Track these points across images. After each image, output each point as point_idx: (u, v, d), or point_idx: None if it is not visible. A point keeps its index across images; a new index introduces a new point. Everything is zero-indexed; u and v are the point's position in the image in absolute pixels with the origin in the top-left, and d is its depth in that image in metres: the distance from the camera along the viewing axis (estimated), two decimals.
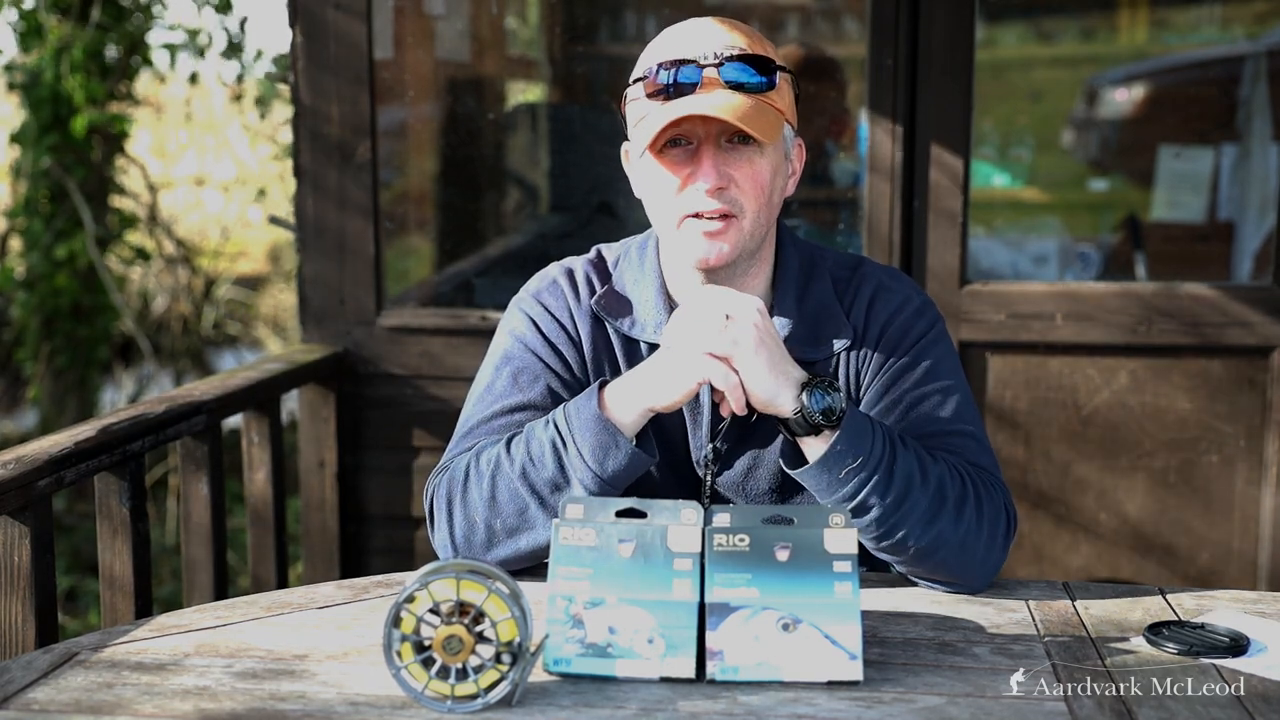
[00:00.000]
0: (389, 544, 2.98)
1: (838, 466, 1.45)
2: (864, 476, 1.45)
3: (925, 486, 1.47)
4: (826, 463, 1.45)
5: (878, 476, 1.45)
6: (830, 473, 1.45)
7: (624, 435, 1.48)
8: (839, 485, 1.46)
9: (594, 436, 1.47)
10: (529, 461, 1.50)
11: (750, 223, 1.56)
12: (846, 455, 1.45)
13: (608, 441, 1.47)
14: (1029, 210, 4.76)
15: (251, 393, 2.55)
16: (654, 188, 1.58)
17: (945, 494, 1.49)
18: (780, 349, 1.47)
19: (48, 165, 5.21)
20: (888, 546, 1.50)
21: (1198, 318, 2.81)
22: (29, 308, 5.43)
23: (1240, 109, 4.00)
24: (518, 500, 1.51)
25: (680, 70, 1.52)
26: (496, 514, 1.52)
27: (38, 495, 1.90)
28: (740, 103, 1.50)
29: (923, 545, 1.48)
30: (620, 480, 1.50)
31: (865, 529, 1.48)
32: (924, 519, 1.47)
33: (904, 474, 1.47)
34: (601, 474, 1.48)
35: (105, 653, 1.36)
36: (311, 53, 2.88)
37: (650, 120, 1.53)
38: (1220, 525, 2.87)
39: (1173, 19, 4.88)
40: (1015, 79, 5.11)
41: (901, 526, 1.47)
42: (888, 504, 1.46)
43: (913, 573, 1.55)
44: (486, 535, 1.52)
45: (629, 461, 1.48)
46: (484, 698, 1.22)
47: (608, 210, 3.34)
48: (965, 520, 1.49)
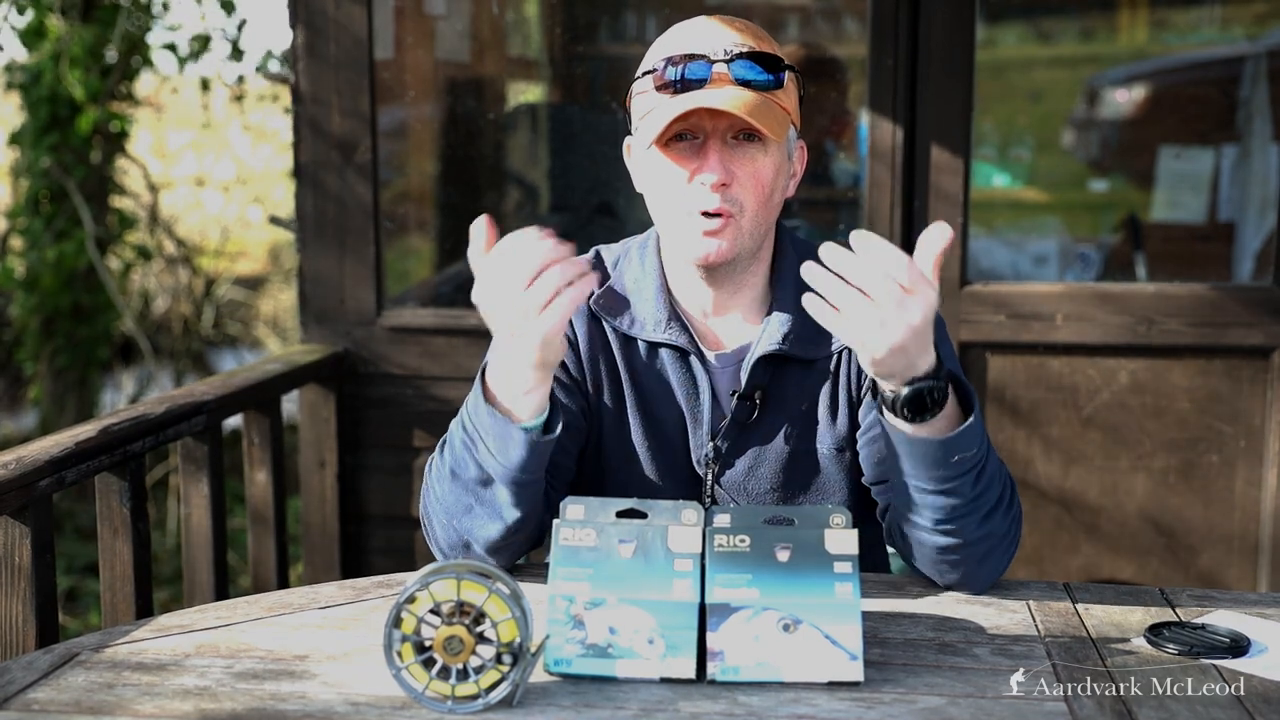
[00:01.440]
0: (389, 544, 2.98)
1: (957, 449, 1.38)
2: (968, 465, 1.40)
3: (997, 482, 1.46)
4: (952, 443, 1.38)
5: (975, 470, 1.42)
6: (954, 450, 1.38)
7: (515, 424, 1.40)
8: (950, 469, 1.39)
9: (492, 430, 1.41)
10: (455, 463, 1.48)
11: (750, 222, 1.56)
12: (968, 442, 1.39)
13: (503, 433, 1.41)
14: (1029, 210, 4.77)
15: (252, 393, 2.55)
16: (658, 181, 1.58)
17: (1003, 491, 1.48)
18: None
19: (47, 165, 5.21)
20: (945, 530, 1.45)
21: (1198, 318, 2.81)
22: (29, 308, 5.43)
23: (1240, 109, 4.00)
24: (461, 500, 1.49)
25: (690, 65, 1.52)
26: (452, 515, 1.51)
27: (38, 495, 1.90)
28: (750, 99, 1.50)
29: (973, 539, 1.45)
30: (531, 467, 1.43)
31: (938, 511, 1.43)
32: (984, 514, 1.45)
33: (991, 472, 1.44)
34: (509, 466, 1.42)
35: (105, 653, 1.36)
36: (312, 52, 2.88)
37: (658, 113, 1.53)
38: (1221, 526, 2.87)
39: (1173, 19, 4.88)
40: (1015, 79, 5.11)
41: (969, 516, 1.44)
42: (972, 494, 1.42)
43: (932, 568, 1.51)
44: (457, 536, 1.52)
45: (528, 450, 1.41)
46: (485, 698, 1.22)
47: (608, 210, 3.34)
48: (1009, 518, 1.49)
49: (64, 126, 5.17)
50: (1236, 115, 4.01)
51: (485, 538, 1.51)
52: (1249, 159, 3.90)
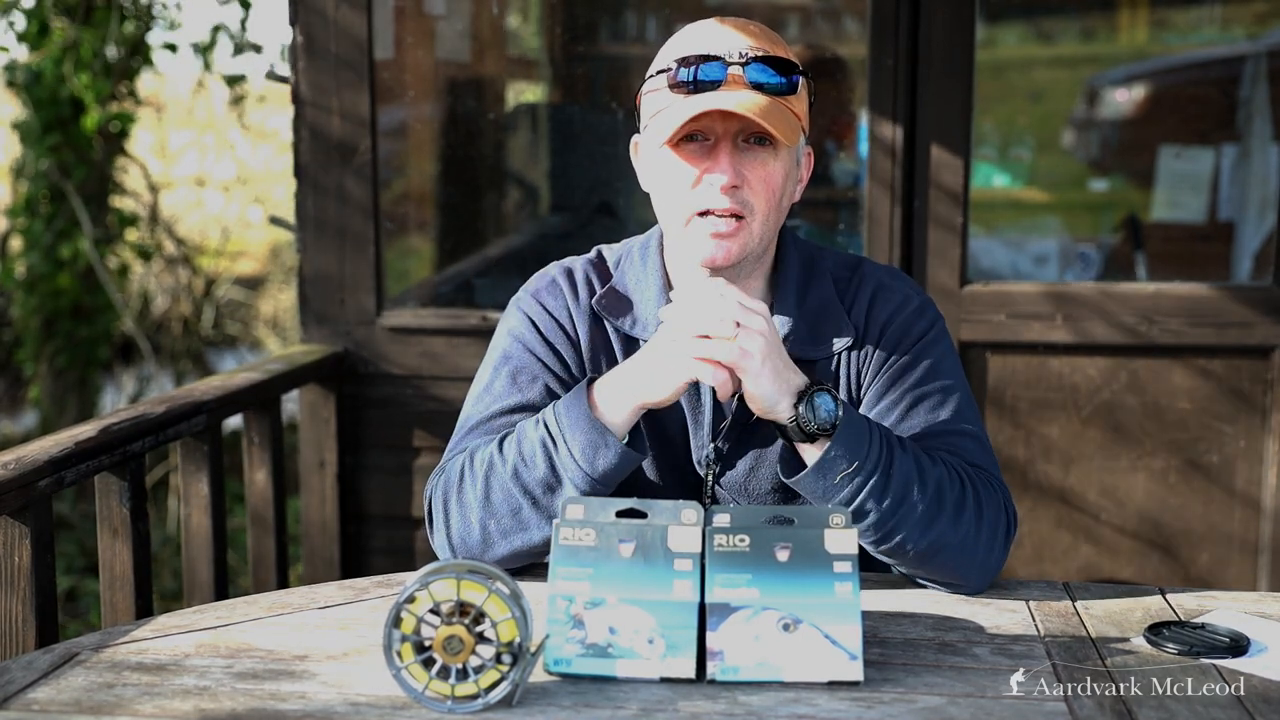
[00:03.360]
0: (389, 544, 2.98)
1: (833, 471, 1.45)
2: (860, 480, 1.45)
3: (923, 489, 1.47)
4: (822, 468, 1.45)
5: (875, 480, 1.45)
6: (825, 478, 1.45)
7: (613, 434, 1.48)
8: (835, 490, 1.45)
9: (584, 435, 1.47)
10: (520, 462, 1.50)
11: (759, 225, 1.56)
12: (842, 460, 1.44)
13: (597, 440, 1.47)
14: (1029, 210, 4.77)
15: (252, 393, 2.55)
16: (667, 181, 1.58)
17: (944, 496, 1.48)
18: (784, 357, 1.47)
19: (47, 165, 5.21)
20: (887, 550, 1.50)
21: (1198, 318, 2.81)
22: (29, 308, 5.43)
23: (1240, 109, 4.00)
24: (511, 501, 1.51)
25: (705, 66, 1.52)
26: (491, 515, 1.52)
27: (38, 495, 1.90)
28: (763, 103, 1.50)
29: (922, 548, 1.48)
30: (611, 479, 1.49)
31: (864, 532, 1.48)
32: (923, 522, 1.47)
33: (902, 477, 1.46)
34: (592, 473, 1.47)
35: (105, 653, 1.36)
36: (312, 52, 2.88)
37: (671, 113, 1.52)
38: (1220, 525, 2.87)
39: (1173, 19, 4.88)
40: (1015, 79, 5.11)
41: (900, 529, 1.47)
42: (885, 507, 1.46)
43: (914, 574, 1.55)
44: (482, 536, 1.53)
45: (619, 460, 1.48)
46: (484, 698, 1.22)
47: (608, 210, 3.34)
48: (964, 522, 1.49)
49: (64, 126, 5.16)
50: (1236, 115, 4.01)
51: (524, 545, 1.52)
52: (1249, 159, 3.90)
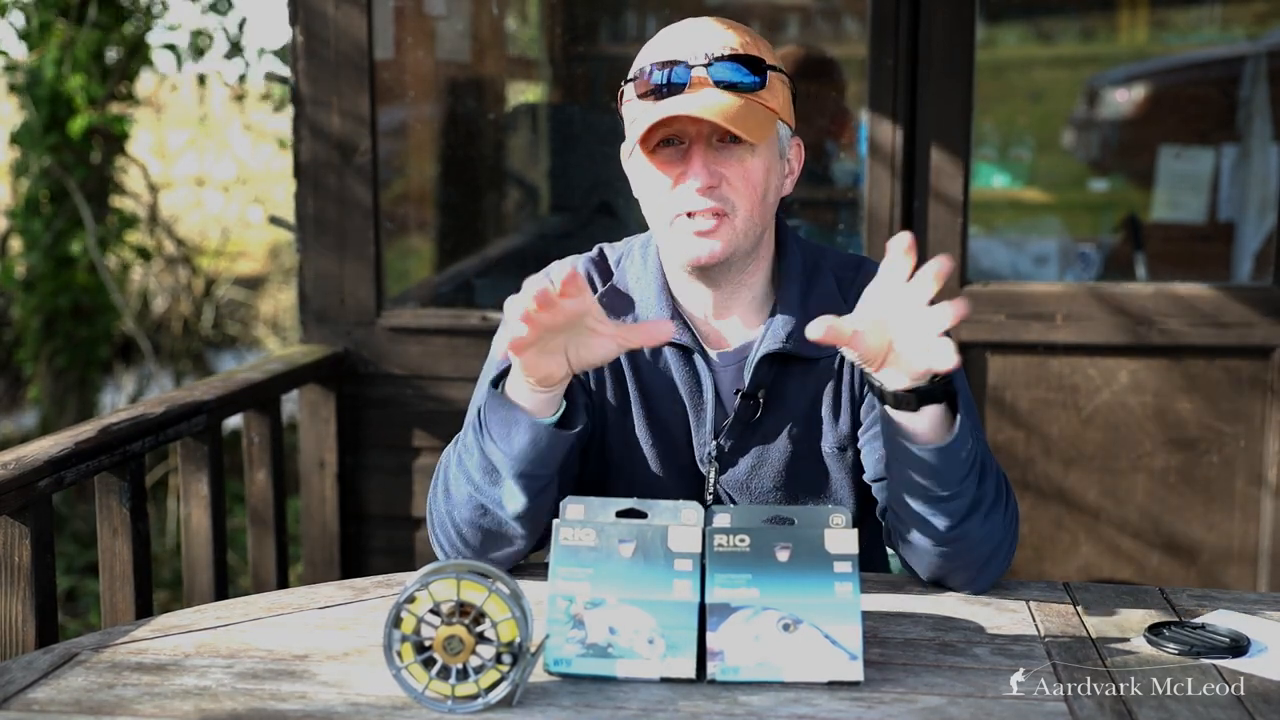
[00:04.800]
0: (389, 544, 2.98)
1: (962, 443, 1.39)
2: (970, 457, 1.41)
3: (994, 480, 1.46)
4: (960, 438, 1.39)
5: (976, 457, 1.42)
6: (962, 446, 1.39)
7: (522, 410, 1.43)
8: (962, 466, 1.40)
9: (495, 415, 1.44)
10: (464, 450, 1.50)
11: (743, 221, 1.56)
12: (965, 436, 1.39)
13: (507, 418, 1.43)
14: (1029, 210, 4.77)
15: (252, 393, 2.55)
16: (647, 187, 1.59)
17: (1000, 486, 1.48)
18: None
19: (48, 165, 5.20)
20: (956, 534, 1.45)
21: (1198, 318, 2.81)
22: (29, 308, 5.43)
23: (1240, 109, 4.00)
24: (461, 490, 1.50)
25: (671, 71, 1.52)
26: (453, 506, 1.51)
27: (38, 495, 1.90)
28: (729, 103, 1.50)
29: (978, 537, 1.45)
30: (531, 456, 1.43)
31: (951, 514, 1.43)
32: (985, 513, 1.45)
33: (989, 466, 1.45)
34: (510, 452, 1.44)
35: (105, 653, 1.36)
36: (312, 52, 2.88)
37: (641, 120, 1.53)
38: (1221, 526, 2.87)
39: (1173, 19, 4.89)
40: (1015, 79, 5.11)
41: (972, 515, 1.44)
42: (983, 487, 1.43)
43: (931, 568, 1.51)
44: (456, 532, 1.52)
45: (531, 434, 1.42)
46: (484, 698, 1.22)
47: (608, 210, 3.34)
48: (1009, 515, 1.49)
49: (64, 126, 5.16)
50: (1236, 115, 4.02)
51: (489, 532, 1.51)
52: (1249, 159, 3.90)
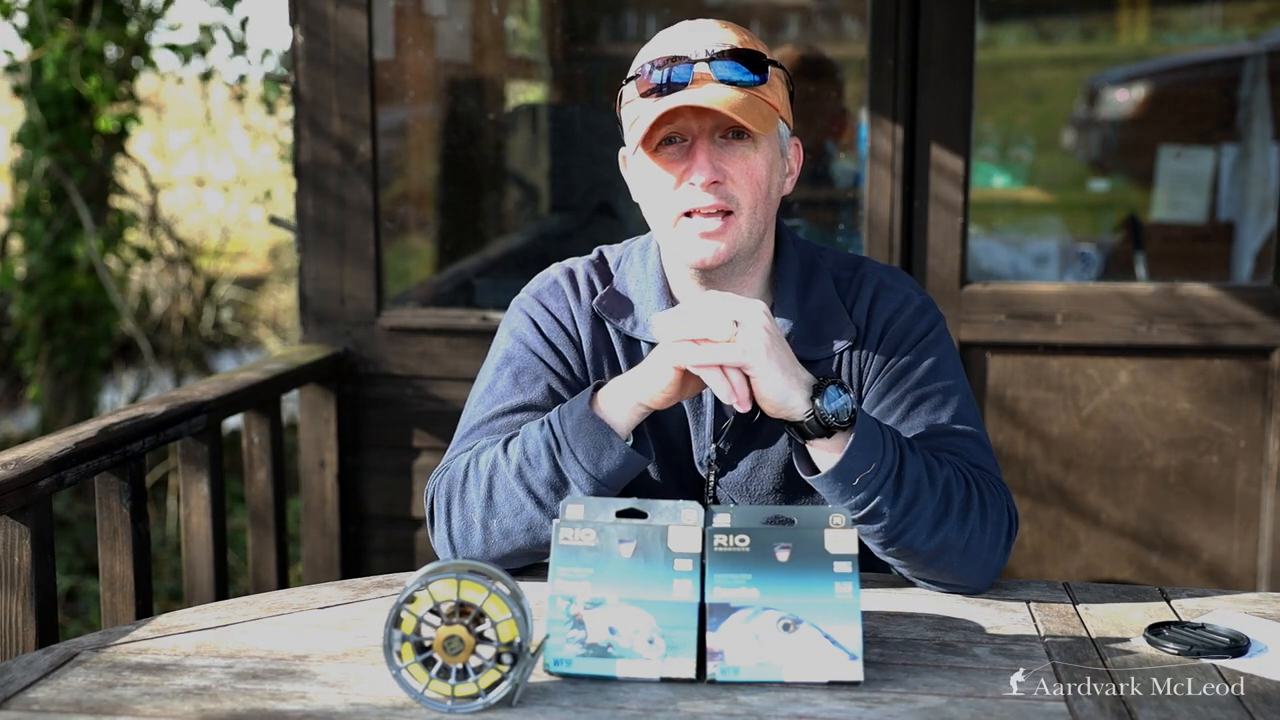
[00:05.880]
0: (389, 544, 2.98)
1: (851, 474, 1.44)
2: (876, 484, 1.44)
3: (933, 491, 1.47)
4: (841, 471, 1.44)
5: (889, 483, 1.45)
6: (844, 480, 1.44)
7: (617, 435, 1.48)
8: (852, 493, 1.45)
9: (588, 437, 1.47)
10: (525, 462, 1.50)
11: (747, 219, 1.56)
12: (860, 462, 1.43)
13: (601, 442, 1.47)
14: (1029, 210, 4.76)
15: (252, 393, 2.55)
16: (649, 187, 1.58)
17: (951, 498, 1.48)
18: (789, 352, 1.46)
19: (48, 165, 5.21)
20: (895, 551, 1.49)
21: (1198, 318, 2.81)
22: (29, 308, 5.43)
23: (1240, 109, 4.00)
24: (514, 501, 1.51)
25: (673, 69, 1.52)
26: (494, 514, 1.52)
27: (38, 495, 1.90)
28: (732, 96, 1.51)
29: (929, 549, 1.48)
30: (615, 480, 1.49)
31: (874, 534, 1.47)
32: (931, 523, 1.47)
33: (913, 479, 1.46)
34: (596, 474, 1.48)
35: (105, 653, 1.36)
36: (312, 52, 2.88)
37: (644, 117, 1.53)
38: (1221, 526, 2.87)
39: (1173, 19, 4.88)
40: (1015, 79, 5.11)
41: (909, 531, 1.46)
42: (897, 510, 1.45)
43: (916, 575, 1.55)
44: (484, 536, 1.53)
45: (623, 461, 1.48)
46: (484, 698, 1.22)
47: (608, 210, 3.34)
48: (970, 523, 1.49)
49: (65, 127, 5.16)
50: (1236, 115, 4.01)
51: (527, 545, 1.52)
52: (1249, 159, 3.90)
